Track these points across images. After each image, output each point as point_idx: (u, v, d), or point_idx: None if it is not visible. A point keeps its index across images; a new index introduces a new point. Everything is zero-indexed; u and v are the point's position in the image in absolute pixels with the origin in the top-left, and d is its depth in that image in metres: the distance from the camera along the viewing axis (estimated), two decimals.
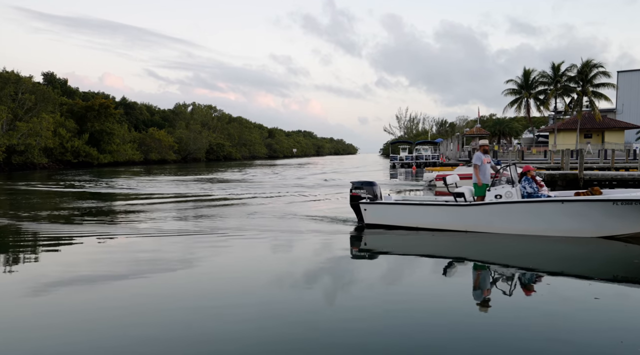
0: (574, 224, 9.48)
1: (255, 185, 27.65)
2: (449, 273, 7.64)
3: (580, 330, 5.14)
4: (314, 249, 9.41)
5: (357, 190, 11.77)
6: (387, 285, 6.96)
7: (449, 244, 9.79)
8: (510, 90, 59.95)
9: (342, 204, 17.04)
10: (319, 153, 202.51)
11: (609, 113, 64.80)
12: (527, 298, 6.36)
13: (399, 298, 6.17)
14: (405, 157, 59.31)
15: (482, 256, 8.94)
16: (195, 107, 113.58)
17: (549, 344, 4.66)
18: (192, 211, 15.26)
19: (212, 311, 5.71)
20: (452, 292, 6.57)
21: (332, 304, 6.05)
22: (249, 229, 11.43)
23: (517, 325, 5.24)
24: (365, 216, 11.61)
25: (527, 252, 8.88)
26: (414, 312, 5.65)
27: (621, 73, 75.50)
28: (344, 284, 6.99)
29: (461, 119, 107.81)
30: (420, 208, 11.14)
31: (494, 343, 4.73)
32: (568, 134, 55.86)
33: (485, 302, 6.15)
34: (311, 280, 7.21)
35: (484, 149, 11.29)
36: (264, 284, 6.78)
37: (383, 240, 10.34)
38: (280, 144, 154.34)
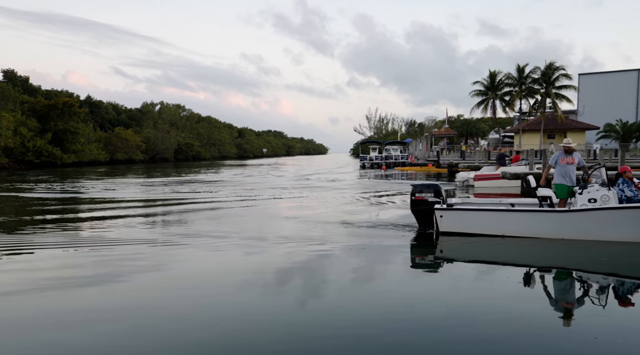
0: None
1: (251, 186, 27.31)
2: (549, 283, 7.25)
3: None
4: (391, 262, 8.47)
5: (421, 194, 10.78)
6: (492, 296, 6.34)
7: (553, 253, 8.89)
8: (477, 92, 61.09)
9: (359, 206, 17.01)
10: (290, 153, 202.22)
11: (571, 114, 66.82)
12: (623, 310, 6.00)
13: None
14: (375, 157, 59.74)
15: (585, 265, 8.21)
16: (164, 106, 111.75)
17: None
18: (175, 216, 14.93)
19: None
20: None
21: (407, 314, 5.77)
22: (311, 238, 10.36)
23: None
24: (440, 223, 10.41)
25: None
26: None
27: (582, 75, 78.08)
28: (433, 298, 6.33)
29: (430, 120, 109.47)
30: (508, 214, 10.08)
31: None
32: (532, 135, 57.33)
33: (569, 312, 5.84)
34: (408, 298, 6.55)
35: (566, 149, 10.54)
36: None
37: (469, 248, 9.36)
38: (251, 144, 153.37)
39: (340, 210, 15.23)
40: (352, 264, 8.18)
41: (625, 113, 67.34)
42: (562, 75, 53.53)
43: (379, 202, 17.82)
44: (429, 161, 51.06)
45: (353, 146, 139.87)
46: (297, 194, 21.45)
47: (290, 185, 26.81)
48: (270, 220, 13.50)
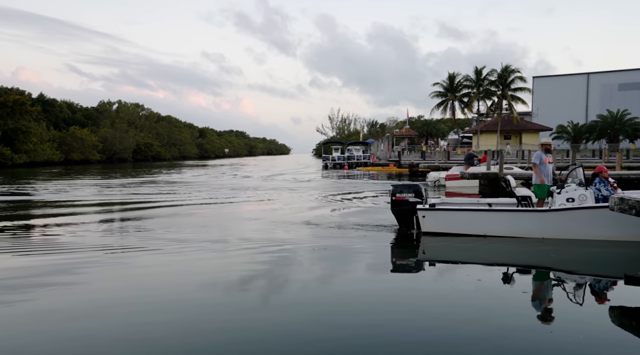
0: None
1: (213, 187, 26.79)
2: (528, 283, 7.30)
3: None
4: (373, 262, 8.42)
5: (402, 194, 10.75)
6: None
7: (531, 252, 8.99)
8: (436, 93, 62.32)
9: (335, 206, 16.90)
10: (252, 153, 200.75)
11: (526, 116, 69.12)
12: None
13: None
14: (338, 157, 60.01)
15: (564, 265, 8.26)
16: (122, 105, 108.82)
17: None
18: (131, 222, 14.46)
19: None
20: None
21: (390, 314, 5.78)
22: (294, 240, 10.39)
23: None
24: (423, 224, 10.39)
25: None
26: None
27: (536, 78, 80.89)
28: (413, 296, 6.47)
29: (391, 120, 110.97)
30: (490, 214, 10.16)
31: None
32: (489, 135, 58.93)
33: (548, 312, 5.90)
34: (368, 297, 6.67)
35: (546, 148, 10.59)
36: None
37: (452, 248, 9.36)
38: (212, 144, 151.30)
39: (305, 211, 15.18)
40: (325, 266, 8.13)
41: (576, 115, 70.14)
42: (517, 77, 55.32)
43: (343, 203, 17.86)
44: (391, 161, 51.68)
45: (316, 146, 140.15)
46: (260, 194, 21.26)
47: (253, 186, 26.56)
48: (232, 222, 13.31)
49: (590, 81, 77.00)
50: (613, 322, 5.46)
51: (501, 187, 11.85)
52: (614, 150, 40.40)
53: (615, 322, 5.46)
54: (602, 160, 35.67)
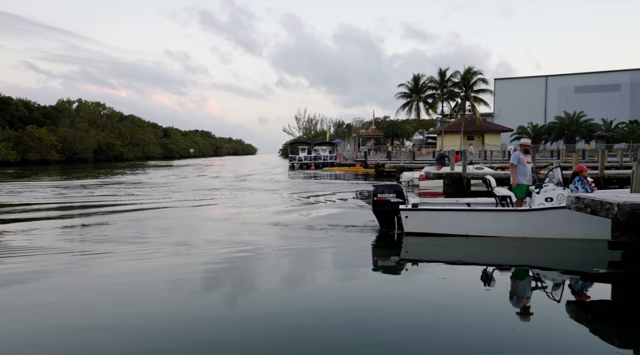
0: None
1: (177, 187, 26.22)
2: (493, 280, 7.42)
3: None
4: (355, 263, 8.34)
5: (384, 195, 10.72)
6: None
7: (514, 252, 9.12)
8: (402, 94, 63.14)
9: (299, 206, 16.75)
10: (218, 153, 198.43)
11: (488, 117, 70.83)
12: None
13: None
14: (304, 157, 59.96)
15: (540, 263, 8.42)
16: (82, 103, 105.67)
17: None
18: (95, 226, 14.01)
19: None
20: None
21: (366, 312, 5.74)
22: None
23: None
24: (406, 224, 10.38)
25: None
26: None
27: (497, 80, 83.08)
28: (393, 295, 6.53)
29: (357, 121, 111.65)
30: (472, 214, 10.25)
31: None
32: (453, 136, 60.14)
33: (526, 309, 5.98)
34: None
35: (525, 148, 10.74)
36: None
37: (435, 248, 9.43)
38: (177, 144, 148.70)
39: (273, 212, 15.08)
40: (296, 267, 8.09)
41: (535, 116, 72.47)
42: (480, 79, 56.65)
43: (313, 203, 17.84)
44: (357, 162, 52.03)
45: (282, 146, 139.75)
46: (227, 195, 21.01)
47: (219, 187, 26.25)
48: (198, 225, 13.09)
49: (548, 84, 79.69)
50: (570, 316, 5.64)
51: (463, 186, 11.96)
52: (570, 151, 41.85)
53: (572, 316, 5.65)
54: (559, 160, 36.90)
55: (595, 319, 5.66)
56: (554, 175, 10.02)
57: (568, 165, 26.53)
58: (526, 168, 10.53)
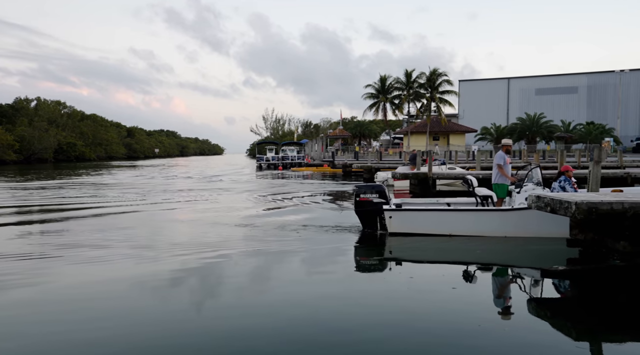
0: None
1: (141, 188, 25.57)
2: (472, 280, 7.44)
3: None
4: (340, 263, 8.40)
5: (366, 195, 10.67)
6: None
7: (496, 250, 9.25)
8: (369, 95, 63.66)
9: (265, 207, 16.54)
10: (184, 153, 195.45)
11: (453, 118, 72.23)
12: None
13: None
14: (272, 157, 59.71)
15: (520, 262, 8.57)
16: (41, 102, 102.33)
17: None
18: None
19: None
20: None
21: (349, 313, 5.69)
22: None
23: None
24: (390, 224, 10.38)
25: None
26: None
27: (462, 82, 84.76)
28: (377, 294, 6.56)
29: (325, 121, 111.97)
30: (456, 214, 10.27)
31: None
32: (419, 136, 61.03)
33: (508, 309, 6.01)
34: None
35: (507, 149, 10.86)
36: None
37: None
38: (141, 144, 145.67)
39: (241, 212, 14.93)
40: (267, 269, 8.02)
41: (498, 117, 74.30)
42: (445, 81, 57.69)
43: (281, 203, 17.77)
44: (325, 162, 52.15)
45: (250, 147, 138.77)
46: (193, 196, 20.70)
47: (185, 188, 25.84)
48: (164, 227, 12.84)
49: (510, 86, 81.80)
50: (531, 312, 5.80)
51: (429, 186, 12.08)
52: (531, 151, 43.09)
53: (533, 312, 5.81)
54: (521, 160, 37.92)
55: (555, 314, 5.83)
56: (532, 175, 10.19)
57: (553, 165, 27.29)
58: (508, 168, 10.72)
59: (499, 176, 10.72)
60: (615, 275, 6.93)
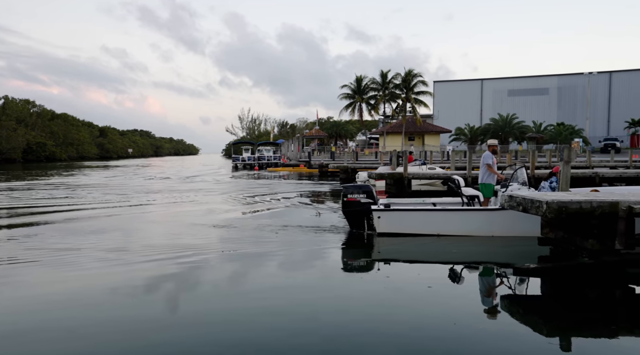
0: None
1: (114, 189, 25.02)
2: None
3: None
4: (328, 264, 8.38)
5: (354, 195, 10.61)
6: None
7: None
8: (345, 95, 63.91)
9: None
10: (158, 154, 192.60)
11: (428, 118, 73.02)
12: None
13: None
14: (248, 157, 59.41)
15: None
16: (9, 100, 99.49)
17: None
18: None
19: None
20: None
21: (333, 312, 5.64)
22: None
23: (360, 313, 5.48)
24: (378, 225, 10.35)
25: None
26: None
27: (437, 83, 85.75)
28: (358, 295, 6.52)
29: (301, 121, 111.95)
30: (444, 214, 10.25)
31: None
32: (395, 137, 61.53)
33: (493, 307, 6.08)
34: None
35: (493, 149, 10.99)
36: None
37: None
38: (114, 144, 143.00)
39: (218, 213, 14.81)
40: (245, 272, 7.96)
41: (472, 118, 75.42)
42: (420, 81, 58.34)
43: (258, 204, 17.68)
44: (301, 162, 52.13)
45: (225, 147, 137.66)
46: (168, 197, 20.42)
47: (160, 188, 25.48)
48: (138, 229, 12.65)
49: (484, 87, 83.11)
50: (503, 309, 5.92)
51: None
52: (504, 151, 43.88)
53: (506, 309, 5.93)
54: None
55: (526, 311, 5.96)
56: (517, 175, 10.34)
57: (525, 165, 27.79)
58: (495, 167, 10.88)
59: (486, 176, 10.88)
60: (583, 272, 7.12)
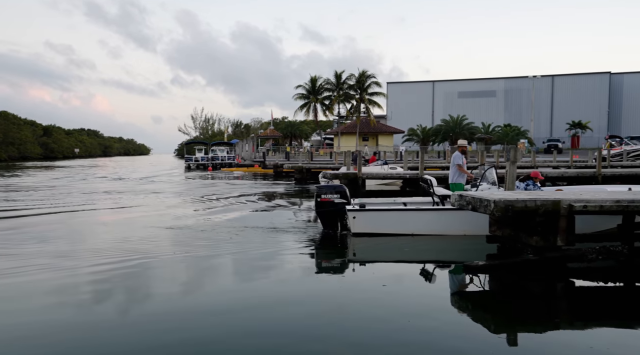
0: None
1: (58, 191, 23.86)
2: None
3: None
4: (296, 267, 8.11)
5: (327, 196, 10.55)
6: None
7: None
8: (299, 95, 63.98)
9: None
10: (107, 154, 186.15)
11: (381, 119, 74.19)
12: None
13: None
14: (201, 157, 58.41)
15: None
16: None
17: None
18: None
19: None
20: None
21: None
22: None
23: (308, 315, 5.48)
24: (353, 225, 10.33)
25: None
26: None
27: (390, 84, 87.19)
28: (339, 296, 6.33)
29: (256, 121, 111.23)
30: (418, 214, 10.26)
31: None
32: (349, 137, 62.13)
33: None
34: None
35: (462, 150, 11.11)
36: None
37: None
38: (59, 144, 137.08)
39: (168, 215, 14.44)
40: (198, 275, 7.78)
41: (424, 119, 77.14)
42: (373, 82, 59.24)
43: (212, 205, 17.38)
44: (256, 162, 51.76)
45: (178, 147, 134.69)
46: (118, 199, 19.76)
47: (109, 190, 24.61)
48: (85, 233, 12.13)
49: (435, 88, 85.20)
50: (453, 305, 6.09)
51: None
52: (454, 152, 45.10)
53: (455, 306, 6.09)
54: (445, 160, 39.63)
55: (475, 307, 6.14)
56: (487, 175, 10.56)
57: (474, 165, 28.53)
58: (464, 168, 11.12)
59: (457, 176, 11.11)
60: (528, 268, 7.41)
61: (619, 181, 20.63)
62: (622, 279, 7.50)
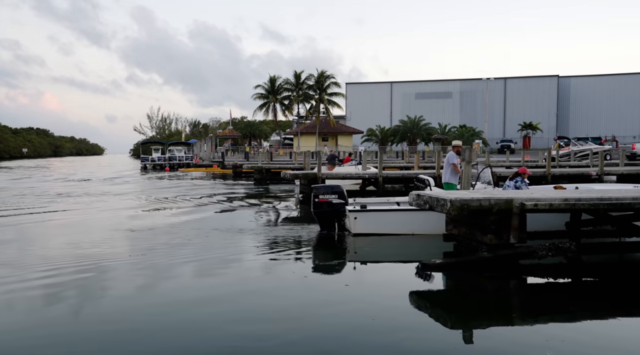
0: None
1: (4, 194, 22.64)
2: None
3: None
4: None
5: (325, 196, 10.40)
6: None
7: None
8: (259, 95, 63.61)
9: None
10: (58, 154, 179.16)
11: (341, 119, 74.64)
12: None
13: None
14: (158, 158, 57.09)
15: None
16: None
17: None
18: None
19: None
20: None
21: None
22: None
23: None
24: (354, 225, 10.25)
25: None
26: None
27: (349, 84, 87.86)
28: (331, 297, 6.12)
29: (214, 121, 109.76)
30: (418, 214, 10.04)
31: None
32: (309, 137, 62.22)
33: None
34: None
35: (457, 150, 11.13)
36: None
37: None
38: (6, 143, 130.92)
39: (123, 218, 14.03)
40: (154, 278, 7.57)
41: (382, 119, 78.13)
42: (333, 83, 59.60)
43: (169, 206, 16.99)
44: (214, 162, 51.08)
45: (133, 147, 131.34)
46: (70, 202, 19.02)
47: (60, 192, 23.66)
48: (34, 238, 11.60)
49: (393, 89, 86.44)
50: (411, 304, 6.18)
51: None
52: (413, 152, 45.91)
53: (414, 304, 6.19)
54: (404, 160, 40.32)
55: (432, 305, 6.25)
56: (482, 175, 10.63)
57: (432, 165, 28.99)
58: (459, 168, 11.17)
59: (450, 175, 11.28)
60: (483, 265, 7.61)
61: (567, 180, 21.51)
62: (571, 275, 7.84)
